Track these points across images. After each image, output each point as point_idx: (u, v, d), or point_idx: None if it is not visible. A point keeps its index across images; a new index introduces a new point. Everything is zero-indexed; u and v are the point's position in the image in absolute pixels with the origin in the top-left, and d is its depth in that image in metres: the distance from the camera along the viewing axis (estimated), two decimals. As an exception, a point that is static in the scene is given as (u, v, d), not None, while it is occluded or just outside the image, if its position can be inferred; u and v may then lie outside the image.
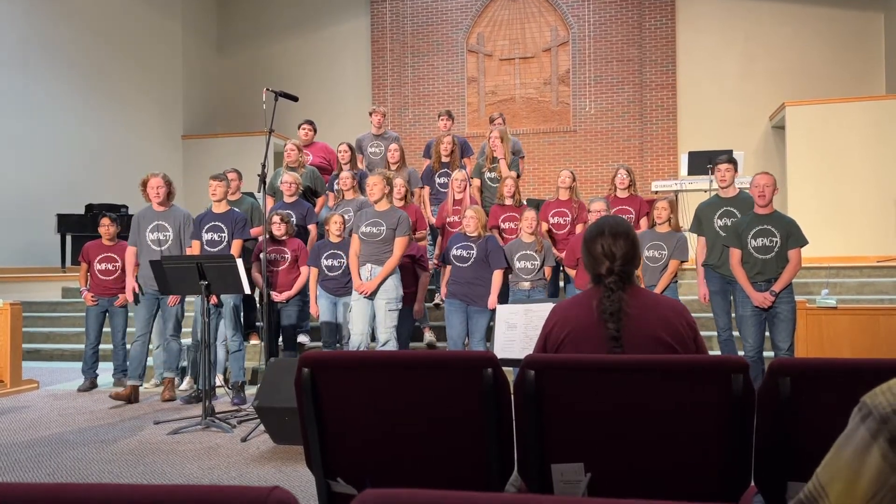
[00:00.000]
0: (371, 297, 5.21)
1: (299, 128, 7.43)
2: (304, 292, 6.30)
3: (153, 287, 5.61)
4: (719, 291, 5.43)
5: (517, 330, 2.94)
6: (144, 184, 5.74)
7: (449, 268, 5.57)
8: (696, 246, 5.65)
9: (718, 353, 5.57)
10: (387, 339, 5.17)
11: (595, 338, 1.95)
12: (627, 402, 1.75)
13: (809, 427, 1.69)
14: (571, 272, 5.71)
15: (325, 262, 5.73)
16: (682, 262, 5.52)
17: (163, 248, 5.67)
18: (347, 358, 2.06)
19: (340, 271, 5.66)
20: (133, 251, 5.79)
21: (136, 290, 5.70)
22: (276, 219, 5.77)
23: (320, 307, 5.76)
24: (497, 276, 5.39)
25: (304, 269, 5.88)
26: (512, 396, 1.84)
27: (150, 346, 5.96)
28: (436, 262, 6.50)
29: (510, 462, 1.90)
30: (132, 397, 5.64)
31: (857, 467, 0.87)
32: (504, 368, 1.91)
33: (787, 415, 1.69)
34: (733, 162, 5.56)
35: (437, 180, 6.98)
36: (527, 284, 5.60)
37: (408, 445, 1.91)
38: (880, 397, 0.87)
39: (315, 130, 7.50)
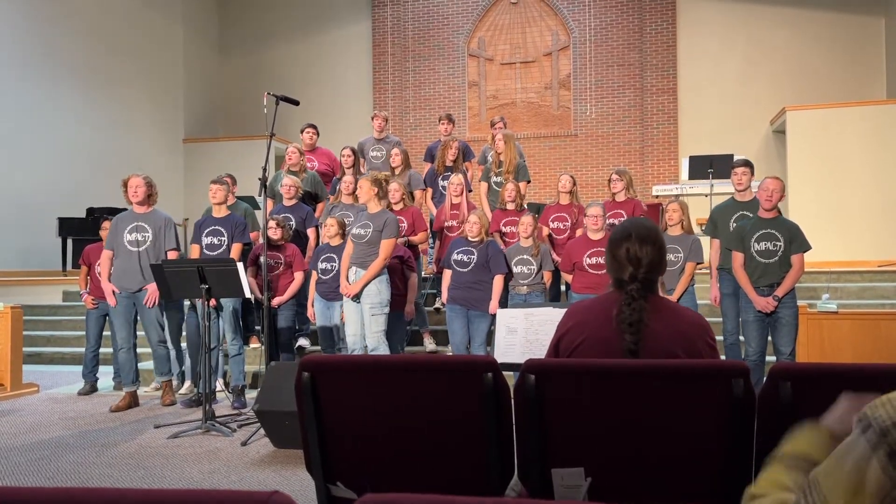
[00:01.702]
0: (355, 300, 5.17)
1: (302, 131, 7.42)
2: (303, 295, 6.29)
3: (127, 288, 5.54)
4: (732, 294, 5.39)
5: (518, 334, 2.94)
6: (125, 184, 5.65)
7: (449, 272, 5.56)
8: (710, 249, 5.63)
9: (723, 356, 5.56)
10: (375, 345, 5.09)
11: (611, 349, 1.88)
12: (628, 406, 1.75)
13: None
14: (568, 277, 5.70)
15: (320, 266, 5.72)
16: (698, 263, 5.44)
17: (140, 249, 5.54)
18: (348, 362, 2.06)
19: (332, 275, 5.63)
20: (109, 255, 5.65)
21: (116, 290, 5.60)
22: (271, 223, 5.75)
23: (315, 311, 5.75)
24: (498, 281, 5.39)
25: (297, 275, 5.87)
26: (512, 401, 1.83)
27: (148, 350, 5.92)
28: (434, 266, 6.50)
29: (511, 466, 1.90)
30: (132, 403, 5.62)
31: (859, 479, 0.87)
32: (504, 373, 1.91)
33: (788, 419, 1.69)
34: (750, 165, 5.55)
35: (441, 182, 6.99)
36: (524, 289, 5.60)
37: (408, 450, 1.91)
38: (880, 409, 0.88)
39: (318, 134, 7.50)
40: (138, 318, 5.70)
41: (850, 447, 0.90)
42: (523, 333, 2.92)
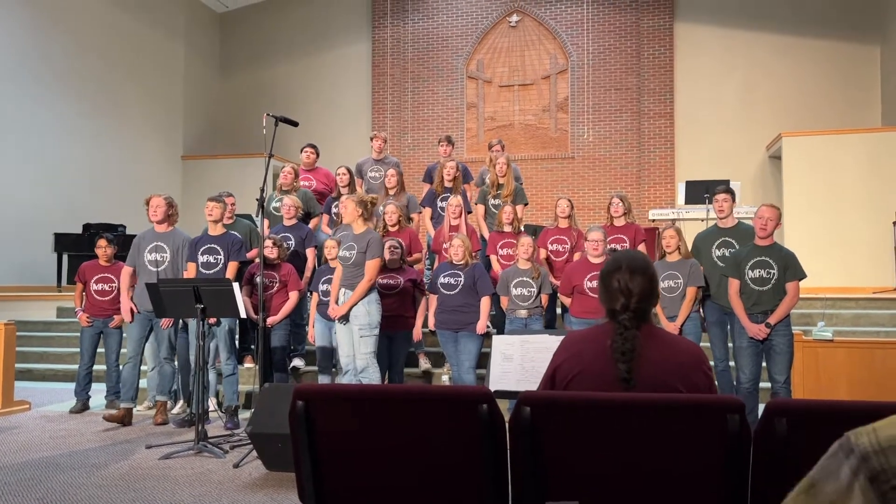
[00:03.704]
0: (342, 321, 5.14)
1: (302, 151, 7.45)
2: (299, 315, 6.27)
3: (147, 308, 5.60)
4: (717, 322, 5.41)
5: (513, 362, 2.93)
6: (147, 203, 5.76)
7: (435, 297, 5.56)
8: None
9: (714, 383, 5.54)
10: (364, 366, 5.06)
11: (606, 380, 1.89)
12: (624, 440, 1.74)
13: (807, 468, 1.68)
14: (566, 300, 5.69)
15: (321, 287, 5.72)
16: (699, 287, 5.42)
17: (159, 270, 5.64)
18: (343, 391, 2.05)
19: None
20: (129, 271, 5.76)
21: (135, 309, 5.68)
22: (268, 242, 5.75)
23: (316, 332, 5.73)
24: (486, 302, 5.40)
25: (292, 294, 5.85)
26: (507, 431, 1.83)
27: (145, 368, 5.92)
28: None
29: (505, 498, 1.88)
30: (125, 420, 5.59)
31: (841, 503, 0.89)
32: (499, 400, 1.90)
33: (784, 455, 1.68)
34: (731, 192, 5.56)
35: (440, 203, 6.99)
36: (524, 312, 5.56)
37: (402, 480, 1.89)
38: (864, 437, 0.91)
39: (318, 154, 7.51)
40: (150, 335, 5.78)
41: (829, 472, 0.93)
42: (519, 361, 2.92)
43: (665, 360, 1.91)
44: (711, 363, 5.51)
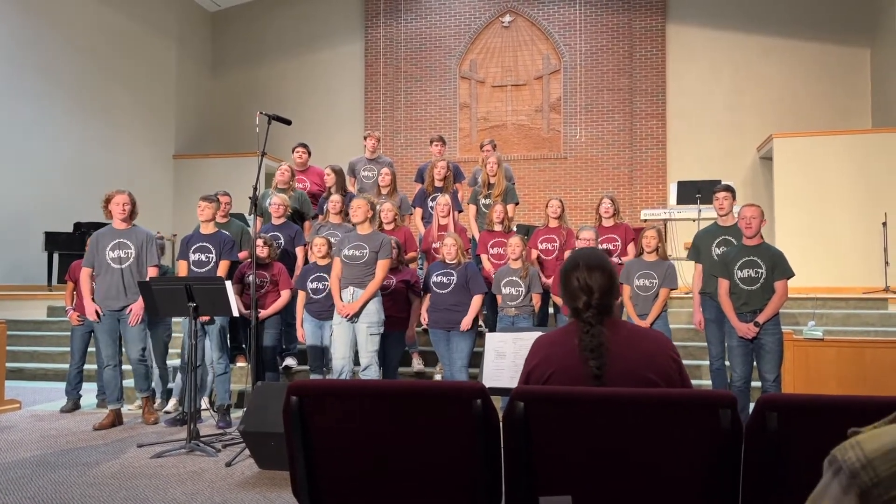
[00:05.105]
0: (352, 320, 5.17)
1: (293, 151, 7.43)
2: (291, 315, 6.26)
3: (109, 307, 5.50)
4: (715, 320, 5.43)
5: (506, 358, 2.94)
6: (108, 200, 5.58)
7: (428, 295, 5.57)
8: (693, 273, 5.68)
9: (709, 381, 5.59)
10: (368, 364, 5.11)
11: (578, 378, 1.91)
12: (616, 435, 1.76)
13: (797, 462, 1.69)
14: (559, 300, 5.71)
15: (310, 285, 5.70)
16: (672, 289, 5.53)
17: (123, 266, 5.50)
18: (337, 387, 2.05)
19: (324, 294, 5.60)
20: (88, 272, 5.61)
21: (99, 310, 5.54)
22: (259, 241, 5.73)
23: (305, 331, 5.72)
24: (476, 301, 5.41)
25: (283, 293, 5.84)
26: (501, 427, 1.83)
27: (128, 368, 5.86)
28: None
29: (499, 492, 1.89)
30: (116, 421, 5.56)
31: None
32: (493, 397, 1.91)
33: (775, 450, 1.70)
34: (731, 190, 5.61)
35: (430, 203, 6.99)
36: (512, 311, 5.60)
37: (396, 475, 1.90)
38: (850, 452, 0.92)
39: (309, 154, 7.50)
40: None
41: (823, 493, 0.94)
42: (512, 358, 2.93)
43: (633, 351, 1.94)
44: (706, 362, 5.55)
